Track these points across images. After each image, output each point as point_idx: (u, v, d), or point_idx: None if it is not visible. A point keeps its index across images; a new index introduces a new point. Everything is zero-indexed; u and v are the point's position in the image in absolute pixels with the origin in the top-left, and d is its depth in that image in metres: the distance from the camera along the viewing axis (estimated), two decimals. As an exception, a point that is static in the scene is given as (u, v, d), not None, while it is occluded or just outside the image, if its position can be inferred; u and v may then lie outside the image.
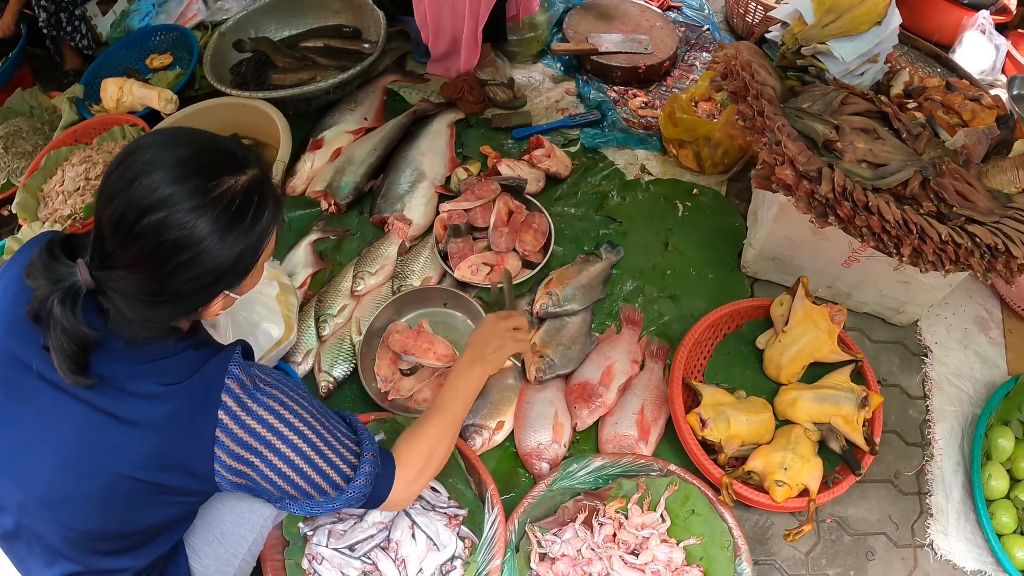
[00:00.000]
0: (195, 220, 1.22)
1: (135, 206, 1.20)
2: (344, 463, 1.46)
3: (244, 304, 2.18)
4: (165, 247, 1.22)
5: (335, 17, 3.49)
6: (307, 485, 1.42)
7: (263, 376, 1.38)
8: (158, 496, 1.35)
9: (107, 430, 1.28)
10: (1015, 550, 2.07)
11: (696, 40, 3.65)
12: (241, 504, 1.58)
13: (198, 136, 1.34)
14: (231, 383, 1.32)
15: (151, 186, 1.21)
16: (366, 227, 2.74)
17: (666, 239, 2.75)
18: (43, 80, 3.42)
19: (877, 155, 2.12)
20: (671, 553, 1.93)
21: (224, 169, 1.28)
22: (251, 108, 2.87)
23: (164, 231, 1.21)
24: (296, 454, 1.38)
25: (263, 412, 1.34)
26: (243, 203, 1.28)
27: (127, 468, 1.29)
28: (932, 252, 1.90)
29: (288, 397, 1.39)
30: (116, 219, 1.22)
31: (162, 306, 1.28)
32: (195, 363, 1.33)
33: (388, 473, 1.56)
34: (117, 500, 1.32)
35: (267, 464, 1.36)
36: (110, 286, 1.24)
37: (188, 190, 1.22)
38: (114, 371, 1.28)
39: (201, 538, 1.58)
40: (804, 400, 2.12)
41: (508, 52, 3.43)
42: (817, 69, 2.55)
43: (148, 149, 1.26)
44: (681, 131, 2.87)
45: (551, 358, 2.30)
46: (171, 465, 1.32)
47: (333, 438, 1.44)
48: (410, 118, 3.03)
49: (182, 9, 3.51)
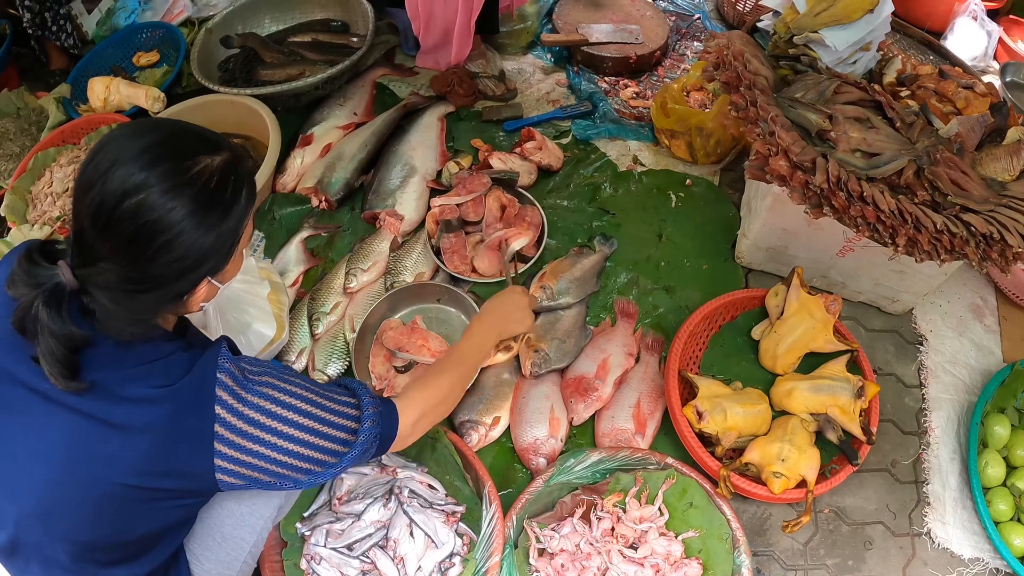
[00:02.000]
0: (173, 200, 1.23)
1: (112, 193, 1.21)
2: (347, 419, 1.46)
3: (236, 305, 2.18)
4: (145, 230, 1.22)
5: (323, 11, 3.47)
6: (318, 454, 1.42)
7: (251, 367, 1.38)
8: (155, 501, 1.34)
9: (100, 438, 1.27)
10: (1012, 537, 2.08)
11: (687, 29, 3.64)
12: (240, 507, 1.58)
13: (167, 123, 1.35)
14: (223, 377, 1.32)
15: (126, 172, 1.21)
16: (358, 223, 2.73)
17: (660, 230, 2.75)
18: (29, 80, 3.38)
19: (871, 144, 2.11)
20: (670, 546, 1.93)
21: (199, 150, 1.29)
22: (240, 105, 2.85)
23: (143, 213, 1.21)
24: (299, 430, 1.38)
25: (258, 400, 1.34)
26: (220, 182, 1.29)
27: (122, 475, 1.28)
28: (927, 241, 1.90)
29: (279, 379, 1.39)
30: (94, 209, 1.22)
31: (146, 295, 1.28)
32: (185, 364, 1.32)
33: (391, 415, 1.58)
34: (114, 508, 1.31)
35: (273, 448, 1.36)
36: (93, 281, 1.24)
37: (163, 171, 1.23)
38: (105, 376, 1.27)
39: (201, 543, 1.57)
40: (800, 391, 2.12)
41: (497, 44, 3.42)
42: (810, 58, 2.54)
43: (118, 140, 1.26)
44: (673, 121, 2.86)
45: (546, 352, 2.30)
46: (168, 469, 1.31)
47: (331, 402, 1.45)
48: (400, 112, 3.01)
49: (168, 6, 3.47)
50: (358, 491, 1.96)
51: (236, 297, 2.20)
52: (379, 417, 1.52)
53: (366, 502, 1.93)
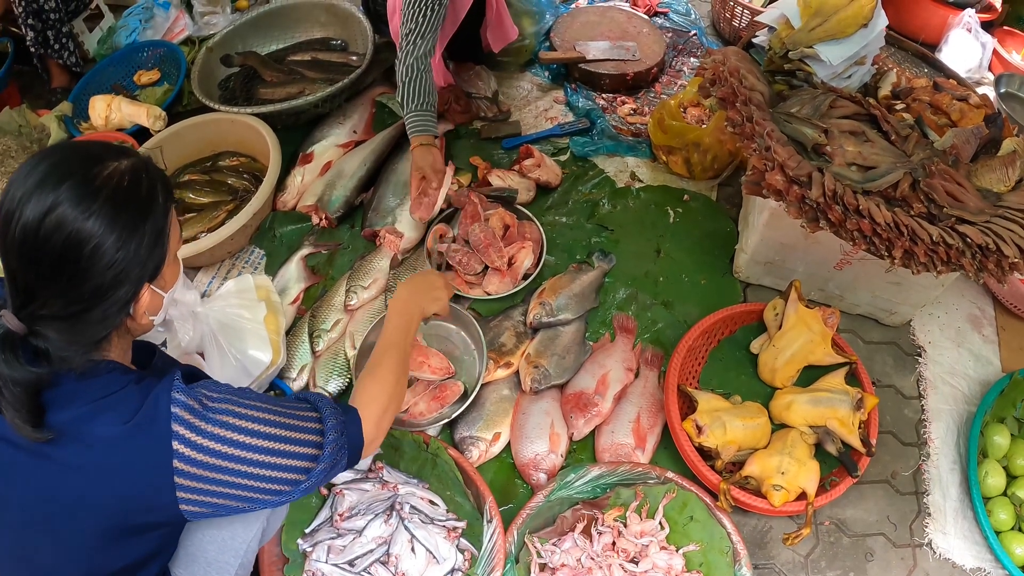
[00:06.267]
0: (89, 207, 1.23)
1: (31, 219, 1.21)
2: (311, 434, 1.43)
3: (231, 331, 2.20)
4: (71, 243, 1.22)
5: (322, 30, 3.50)
6: (285, 474, 1.39)
7: (210, 394, 1.35)
8: (127, 537, 1.34)
9: (64, 482, 1.27)
10: (1013, 547, 2.08)
11: (683, 46, 3.66)
12: (221, 532, 1.56)
13: (65, 144, 1.38)
14: (178, 411, 1.29)
15: (38, 196, 1.22)
16: (358, 241, 2.74)
17: (658, 246, 2.76)
18: (31, 98, 3.40)
19: (866, 158, 2.12)
20: (671, 560, 1.93)
21: (103, 157, 1.30)
22: (240, 123, 2.86)
23: (64, 227, 1.21)
24: (263, 454, 1.35)
25: (219, 430, 1.31)
26: (131, 182, 1.30)
27: (89, 516, 1.28)
28: (924, 253, 1.91)
29: (239, 404, 1.36)
30: (19, 241, 1.22)
31: (92, 312, 1.28)
32: (137, 398, 1.30)
33: (355, 423, 1.55)
34: (86, 546, 1.31)
35: (238, 475, 1.33)
36: (39, 318, 1.25)
37: (74, 183, 1.24)
38: (66, 416, 1.27)
39: (187, 569, 1.55)
40: (799, 404, 2.13)
41: (495, 62, 3.43)
42: (805, 73, 2.56)
43: (23, 173, 1.26)
44: (670, 137, 2.87)
45: (546, 368, 2.30)
46: (135, 506, 1.30)
47: (293, 419, 1.42)
48: (399, 130, 3.02)
49: (169, 24, 3.51)
50: (359, 507, 1.96)
51: (231, 323, 2.21)
52: (342, 427, 1.49)
53: (367, 518, 1.93)
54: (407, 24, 2.52)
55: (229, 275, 2.65)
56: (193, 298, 1.94)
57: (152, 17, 3.50)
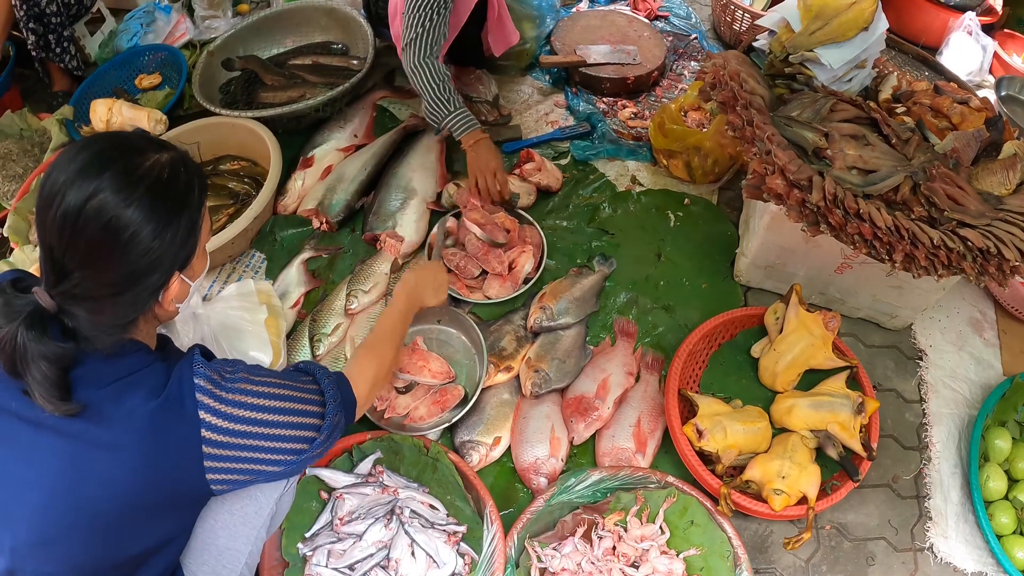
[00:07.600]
0: (130, 196, 1.28)
1: (73, 203, 1.25)
2: (314, 404, 1.54)
3: (232, 332, 2.20)
4: (110, 228, 1.26)
5: (323, 34, 3.50)
6: (295, 444, 1.48)
7: (226, 369, 1.43)
8: (149, 517, 1.37)
9: (90, 460, 1.29)
10: (1015, 550, 2.08)
11: (684, 49, 3.66)
12: (232, 519, 1.58)
13: (108, 134, 1.43)
14: (202, 382, 1.36)
15: (82, 182, 1.26)
16: (358, 245, 2.74)
17: (658, 250, 2.76)
18: (32, 102, 3.41)
19: (867, 161, 2.12)
20: (671, 564, 1.93)
21: (145, 149, 1.35)
22: (241, 127, 2.87)
23: (105, 213, 1.26)
24: (276, 424, 1.44)
25: (239, 397, 1.39)
26: (171, 174, 1.35)
27: (115, 494, 1.30)
28: (924, 257, 1.91)
29: (253, 378, 1.44)
30: (59, 223, 1.26)
31: (124, 295, 1.33)
32: (164, 373, 1.37)
33: (347, 389, 1.65)
34: (108, 528, 1.33)
35: (258, 438, 1.41)
36: (71, 296, 1.28)
37: (117, 171, 1.28)
38: (93, 395, 1.30)
39: (198, 558, 1.57)
40: (800, 408, 2.12)
41: (496, 66, 3.43)
42: (805, 76, 2.56)
43: (67, 159, 1.30)
44: (671, 141, 2.87)
45: (546, 372, 2.30)
46: (161, 481, 1.34)
47: (299, 391, 1.52)
48: (400, 134, 3.03)
49: (170, 28, 3.52)
50: (360, 511, 1.96)
51: (232, 324, 2.22)
52: (338, 392, 1.60)
53: (367, 522, 1.93)
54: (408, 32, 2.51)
55: (230, 279, 2.65)
56: (194, 300, 1.95)
57: (153, 21, 3.51)
